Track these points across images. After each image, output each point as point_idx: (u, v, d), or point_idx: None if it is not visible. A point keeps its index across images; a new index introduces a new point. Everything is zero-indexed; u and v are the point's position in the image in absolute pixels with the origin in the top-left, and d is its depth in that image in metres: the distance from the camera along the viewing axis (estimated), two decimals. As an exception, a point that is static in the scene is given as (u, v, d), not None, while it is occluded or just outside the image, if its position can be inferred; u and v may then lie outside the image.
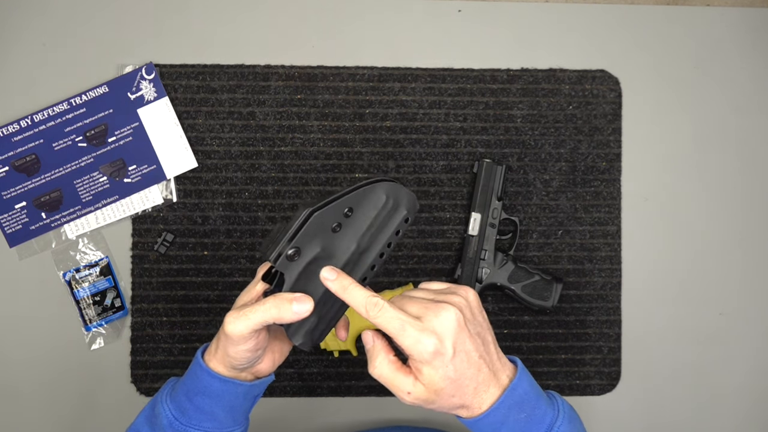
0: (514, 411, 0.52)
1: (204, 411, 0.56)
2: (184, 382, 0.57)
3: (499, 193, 0.87)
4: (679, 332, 0.91)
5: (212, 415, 0.56)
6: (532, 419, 0.52)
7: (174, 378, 0.60)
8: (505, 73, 0.90)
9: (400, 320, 0.49)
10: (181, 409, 0.56)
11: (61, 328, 0.87)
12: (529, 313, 0.89)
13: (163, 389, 0.59)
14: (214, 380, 0.55)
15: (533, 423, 0.52)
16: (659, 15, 0.92)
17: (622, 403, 0.90)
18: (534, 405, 0.52)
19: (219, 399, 0.56)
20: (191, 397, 0.56)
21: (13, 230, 0.86)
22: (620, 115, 0.90)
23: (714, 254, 0.91)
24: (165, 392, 0.58)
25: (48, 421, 0.87)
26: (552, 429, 0.52)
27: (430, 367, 0.49)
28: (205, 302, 0.88)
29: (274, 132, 0.88)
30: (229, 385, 0.55)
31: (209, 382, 0.55)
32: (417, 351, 0.49)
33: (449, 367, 0.50)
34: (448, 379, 0.50)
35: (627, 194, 0.90)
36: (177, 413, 0.56)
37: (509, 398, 0.52)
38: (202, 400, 0.55)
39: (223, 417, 0.56)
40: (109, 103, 0.87)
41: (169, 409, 0.56)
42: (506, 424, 0.51)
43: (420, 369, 0.50)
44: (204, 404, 0.55)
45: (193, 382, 0.56)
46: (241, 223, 0.88)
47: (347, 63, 0.89)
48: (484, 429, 0.52)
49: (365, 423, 0.89)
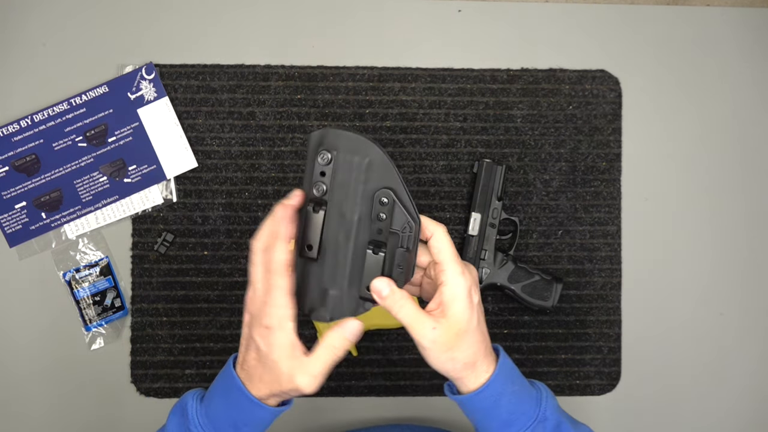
0: (509, 383, 0.55)
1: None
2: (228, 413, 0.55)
3: (499, 193, 0.87)
4: (679, 332, 0.91)
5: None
6: (523, 392, 0.56)
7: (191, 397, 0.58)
8: (505, 73, 0.90)
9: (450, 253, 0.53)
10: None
11: (61, 328, 0.87)
12: (529, 313, 0.89)
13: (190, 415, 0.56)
14: (268, 414, 0.55)
15: (524, 395, 0.56)
16: (659, 15, 0.92)
17: (622, 403, 0.90)
18: (521, 379, 0.57)
19: (264, 427, 0.56)
20: (239, 427, 0.55)
21: (13, 230, 0.87)
22: (620, 115, 0.90)
23: (714, 254, 0.91)
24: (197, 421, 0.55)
25: (48, 421, 0.87)
26: (540, 402, 0.56)
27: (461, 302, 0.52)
28: (205, 302, 0.88)
29: (274, 132, 0.88)
30: (277, 414, 0.56)
31: (263, 415, 0.55)
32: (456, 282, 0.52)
33: (474, 314, 0.53)
34: (471, 324, 0.53)
35: (627, 194, 0.90)
36: None
37: (503, 369, 0.55)
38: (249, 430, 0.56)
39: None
40: (109, 103, 0.87)
41: None
42: (504, 395, 0.55)
43: (449, 305, 0.52)
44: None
45: (240, 414, 0.55)
46: (241, 223, 0.88)
47: (347, 63, 0.89)
48: (485, 401, 0.54)
49: (365, 423, 0.89)
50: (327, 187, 0.54)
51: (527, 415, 0.55)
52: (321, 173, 0.54)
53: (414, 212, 0.54)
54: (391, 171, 0.53)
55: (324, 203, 0.54)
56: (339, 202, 0.54)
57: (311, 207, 0.54)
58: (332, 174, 0.54)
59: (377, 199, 0.53)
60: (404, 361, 0.88)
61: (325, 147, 0.53)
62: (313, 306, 0.56)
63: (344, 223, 0.54)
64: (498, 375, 0.55)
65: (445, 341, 0.52)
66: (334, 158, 0.53)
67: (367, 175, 0.53)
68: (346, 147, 0.53)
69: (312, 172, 0.54)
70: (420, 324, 0.53)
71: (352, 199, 0.54)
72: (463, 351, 0.53)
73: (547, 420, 0.56)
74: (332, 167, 0.53)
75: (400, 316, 0.53)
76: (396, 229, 0.54)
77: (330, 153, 0.53)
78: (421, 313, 0.53)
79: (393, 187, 0.53)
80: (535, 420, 0.55)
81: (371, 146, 0.53)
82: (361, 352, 0.88)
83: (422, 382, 0.88)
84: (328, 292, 0.56)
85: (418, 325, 0.53)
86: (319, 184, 0.53)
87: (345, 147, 0.53)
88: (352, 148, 0.53)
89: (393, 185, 0.53)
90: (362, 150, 0.53)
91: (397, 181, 0.53)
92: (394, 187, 0.53)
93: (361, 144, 0.53)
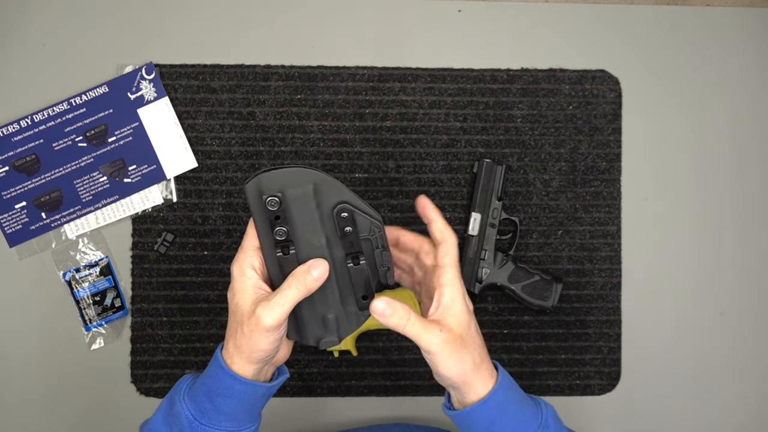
0: (511, 390, 0.57)
1: (224, 412, 0.56)
2: (204, 382, 0.57)
3: (499, 193, 0.87)
4: (679, 332, 0.91)
5: (232, 415, 0.56)
6: (524, 401, 0.57)
7: (189, 375, 0.60)
8: (505, 73, 0.90)
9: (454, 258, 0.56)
10: (201, 410, 0.56)
11: (61, 328, 0.87)
12: (529, 313, 0.89)
13: (179, 388, 0.59)
14: (236, 382, 0.55)
15: (525, 404, 0.57)
16: (659, 15, 0.92)
17: (622, 403, 0.90)
18: (520, 390, 0.58)
19: (239, 400, 0.56)
20: (212, 398, 0.56)
21: (13, 230, 0.86)
22: (620, 115, 0.90)
23: (714, 254, 0.91)
24: (182, 391, 0.58)
25: (48, 421, 0.87)
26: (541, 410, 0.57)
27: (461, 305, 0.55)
28: (205, 302, 0.88)
29: (274, 132, 0.88)
30: (250, 387, 0.56)
31: (231, 384, 0.55)
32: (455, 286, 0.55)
33: (472, 318, 0.56)
34: (471, 326, 0.55)
35: (627, 194, 0.90)
36: (197, 413, 0.56)
37: (505, 377, 0.57)
38: (223, 402, 0.56)
39: (241, 416, 0.57)
40: (109, 103, 0.87)
41: (189, 409, 0.56)
42: (509, 403, 0.55)
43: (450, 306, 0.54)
44: (224, 405, 0.56)
45: (214, 383, 0.56)
46: (241, 223, 0.88)
47: (347, 63, 0.89)
48: (492, 410, 0.55)
49: (365, 423, 0.89)
50: (287, 228, 0.55)
51: (531, 425, 0.56)
52: (276, 217, 0.55)
53: (372, 211, 0.56)
54: (337, 185, 0.55)
55: (290, 242, 0.55)
56: (302, 234, 0.55)
57: (280, 252, 0.55)
58: (286, 214, 0.55)
59: (337, 216, 0.55)
60: (404, 361, 0.88)
61: (268, 193, 0.54)
62: (318, 336, 0.58)
63: (315, 250, 0.56)
64: (502, 383, 0.55)
65: (451, 342, 0.53)
66: (281, 199, 0.54)
67: (317, 200, 0.55)
68: (286, 184, 0.54)
69: (265, 221, 0.55)
70: (428, 332, 0.53)
71: (314, 226, 0.55)
72: (470, 352, 0.54)
73: (549, 427, 0.56)
74: (283, 208, 0.54)
75: (408, 331, 0.53)
76: (364, 235, 0.56)
77: (275, 197, 0.54)
78: (425, 321, 0.54)
79: (345, 199, 0.55)
80: (540, 426, 0.56)
81: (307, 172, 0.54)
82: (361, 352, 0.88)
83: (422, 382, 0.88)
84: (326, 317, 0.58)
85: (426, 334, 0.53)
86: (279, 228, 0.55)
87: (286, 184, 0.54)
88: (293, 181, 0.54)
89: (344, 198, 0.55)
90: (301, 179, 0.54)
91: (346, 192, 0.55)
92: (347, 199, 0.55)
93: (298, 174, 0.54)
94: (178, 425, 0.57)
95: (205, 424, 0.56)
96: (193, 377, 0.60)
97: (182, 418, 0.56)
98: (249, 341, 0.54)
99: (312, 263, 0.55)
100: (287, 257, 0.55)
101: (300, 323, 0.58)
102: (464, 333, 0.54)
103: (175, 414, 0.57)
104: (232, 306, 0.55)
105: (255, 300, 0.54)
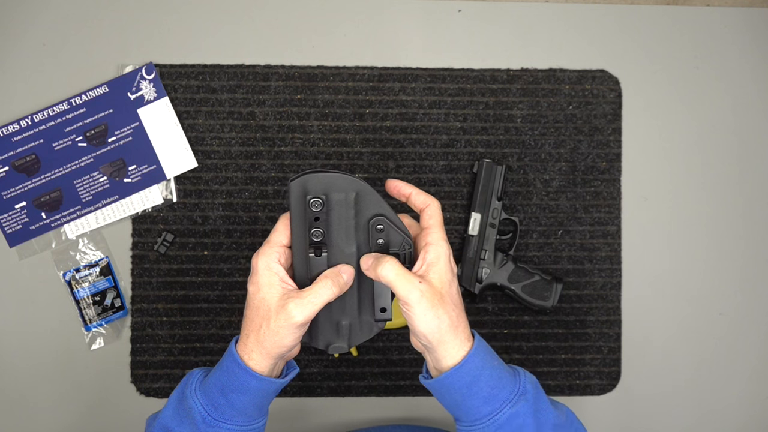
0: (488, 356, 0.56)
1: (237, 407, 0.56)
2: (218, 377, 0.56)
3: (499, 193, 0.87)
4: (679, 332, 0.91)
5: (244, 410, 0.56)
6: (501, 367, 0.56)
7: (199, 369, 0.60)
8: (505, 73, 0.90)
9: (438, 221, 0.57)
10: (213, 405, 0.56)
11: (61, 328, 0.87)
12: (529, 313, 0.89)
13: (190, 382, 0.58)
14: (252, 378, 0.55)
15: (503, 371, 0.56)
16: (659, 15, 0.92)
17: (622, 403, 0.90)
18: (498, 357, 0.57)
19: (253, 395, 0.56)
20: (226, 393, 0.56)
21: (13, 230, 0.87)
22: (620, 115, 0.90)
23: (714, 254, 0.91)
24: (194, 386, 0.58)
25: (48, 421, 0.87)
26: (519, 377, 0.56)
27: (444, 263, 0.55)
28: (205, 302, 0.88)
29: (274, 132, 0.88)
30: (264, 383, 0.56)
31: (246, 380, 0.55)
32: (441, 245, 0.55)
33: (454, 279, 0.56)
34: (453, 286, 0.55)
35: (627, 194, 0.90)
36: (210, 408, 0.56)
37: (481, 343, 0.56)
38: (236, 397, 0.56)
39: (252, 411, 0.57)
40: (109, 103, 0.87)
41: (202, 404, 0.56)
42: (485, 369, 0.55)
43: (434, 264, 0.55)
44: (238, 401, 0.56)
45: (229, 379, 0.56)
46: (241, 223, 0.88)
47: (347, 63, 0.89)
48: (468, 375, 0.54)
49: (365, 423, 0.89)
50: (323, 231, 0.56)
51: (508, 389, 0.55)
52: (315, 218, 0.56)
53: (405, 229, 0.57)
54: (377, 198, 0.56)
55: (324, 245, 0.56)
56: (336, 239, 0.56)
57: (313, 252, 0.56)
58: (326, 216, 0.56)
59: (373, 227, 0.56)
60: (404, 361, 0.88)
61: (313, 194, 0.55)
62: (328, 340, 0.59)
63: (345, 257, 0.57)
64: (478, 347, 0.55)
65: (430, 297, 0.53)
66: (325, 202, 0.55)
67: (357, 208, 0.56)
68: (332, 188, 0.55)
69: (304, 220, 0.56)
70: (405, 280, 0.53)
71: (348, 234, 0.56)
72: (448, 311, 0.54)
73: (528, 393, 0.56)
74: (325, 210, 0.55)
75: (383, 273, 0.54)
76: (395, 250, 0.57)
77: (320, 198, 0.55)
78: (407, 271, 0.54)
79: (382, 212, 0.56)
80: (517, 393, 0.55)
81: (352, 180, 0.56)
82: (361, 352, 0.88)
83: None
84: (341, 323, 0.58)
85: (404, 281, 0.53)
86: (317, 230, 0.56)
87: (331, 188, 0.55)
88: (338, 186, 0.55)
89: (382, 211, 0.56)
90: (346, 186, 0.56)
91: (385, 206, 0.56)
92: (384, 213, 0.56)
93: (343, 181, 0.55)
94: (191, 420, 0.56)
95: (218, 419, 0.56)
96: (203, 371, 0.59)
97: (195, 413, 0.56)
98: (275, 336, 0.54)
99: (341, 267, 0.56)
100: (319, 259, 0.56)
101: (313, 326, 0.58)
102: (444, 291, 0.54)
103: (187, 408, 0.57)
104: (255, 300, 0.55)
105: (283, 295, 0.54)
